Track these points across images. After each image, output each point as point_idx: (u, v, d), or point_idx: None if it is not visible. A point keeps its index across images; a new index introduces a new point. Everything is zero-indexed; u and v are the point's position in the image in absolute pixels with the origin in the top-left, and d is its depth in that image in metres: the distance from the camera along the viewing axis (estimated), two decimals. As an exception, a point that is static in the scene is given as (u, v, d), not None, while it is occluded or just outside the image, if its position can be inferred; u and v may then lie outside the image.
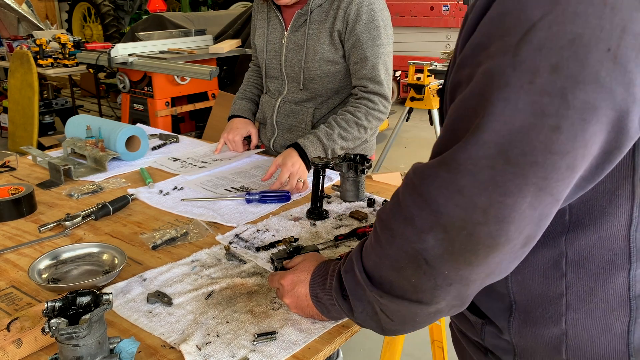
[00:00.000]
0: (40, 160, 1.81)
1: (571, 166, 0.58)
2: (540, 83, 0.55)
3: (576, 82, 0.55)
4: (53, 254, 1.13)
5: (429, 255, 0.64)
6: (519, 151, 0.57)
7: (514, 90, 0.56)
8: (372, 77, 1.64)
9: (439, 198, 0.61)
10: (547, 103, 0.55)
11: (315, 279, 0.91)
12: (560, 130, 0.56)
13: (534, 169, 0.57)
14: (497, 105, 0.57)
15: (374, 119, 1.68)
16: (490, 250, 0.62)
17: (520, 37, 0.56)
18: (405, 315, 0.73)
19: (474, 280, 0.66)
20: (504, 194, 0.58)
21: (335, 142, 1.64)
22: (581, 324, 0.70)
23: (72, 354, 0.76)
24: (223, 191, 1.57)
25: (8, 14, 7.84)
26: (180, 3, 9.90)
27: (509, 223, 0.59)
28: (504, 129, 0.57)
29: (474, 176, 0.59)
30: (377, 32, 1.63)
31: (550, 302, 0.71)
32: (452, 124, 0.63)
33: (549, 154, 0.56)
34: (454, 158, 0.60)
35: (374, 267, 0.74)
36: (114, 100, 6.52)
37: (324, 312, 0.91)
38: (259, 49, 1.87)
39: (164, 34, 4.99)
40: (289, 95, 1.81)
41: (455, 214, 0.61)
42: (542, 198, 0.59)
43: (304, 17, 1.69)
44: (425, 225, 0.63)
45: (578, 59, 0.54)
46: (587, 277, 0.69)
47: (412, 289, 0.69)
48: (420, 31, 7.10)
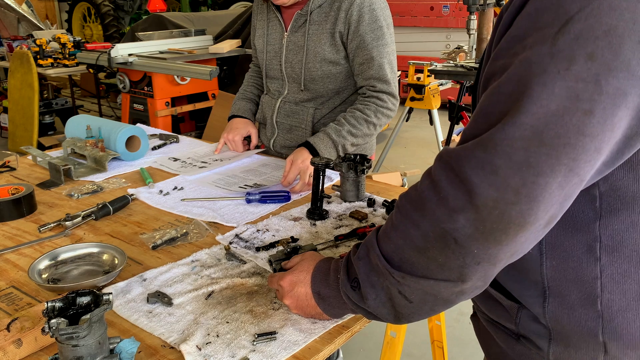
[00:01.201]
0: (40, 160, 1.81)
1: (598, 148, 0.61)
2: (576, 70, 0.59)
3: (609, 69, 0.59)
4: (53, 254, 1.13)
5: (459, 234, 0.66)
6: (554, 133, 0.60)
7: (551, 76, 0.60)
8: (379, 77, 1.65)
9: (474, 178, 0.64)
10: (582, 89, 0.59)
11: (317, 277, 0.91)
12: (593, 114, 0.59)
13: (566, 150, 0.60)
14: (535, 89, 0.61)
15: (382, 116, 1.69)
16: (519, 229, 0.64)
17: (558, 29, 0.60)
18: (428, 294, 0.74)
19: (501, 259, 0.68)
20: (537, 174, 0.61)
21: (345, 138, 1.65)
22: (616, 305, 0.72)
23: (72, 354, 0.76)
24: (237, 189, 1.57)
25: (8, 14, 7.84)
26: (180, 3, 9.89)
27: (539, 202, 0.63)
28: (540, 112, 0.60)
29: (509, 157, 0.62)
30: (380, 32, 1.64)
31: (585, 285, 0.73)
32: (486, 109, 0.66)
33: (581, 136, 0.60)
34: (491, 139, 0.63)
35: (394, 250, 0.75)
36: (114, 100, 6.51)
37: (327, 309, 0.91)
38: (259, 50, 1.87)
39: (164, 34, 4.99)
40: (289, 95, 1.81)
41: (489, 194, 0.63)
42: (571, 178, 0.62)
43: (303, 18, 1.69)
44: (458, 205, 0.65)
45: (612, 49, 0.58)
46: (620, 260, 0.71)
47: (439, 268, 0.71)
48: (420, 31, 7.09)
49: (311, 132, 1.78)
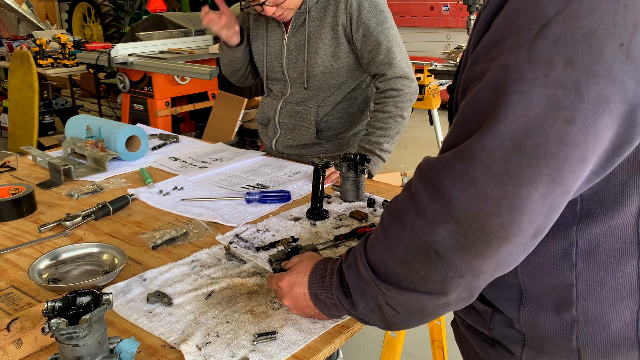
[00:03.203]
0: (40, 160, 1.81)
1: (582, 158, 0.59)
2: (555, 76, 0.57)
3: (590, 75, 0.56)
4: (53, 254, 1.13)
5: (439, 247, 0.65)
6: (533, 142, 0.58)
7: (529, 83, 0.58)
8: (389, 62, 1.66)
9: (453, 190, 0.62)
10: (562, 95, 0.57)
11: (314, 278, 0.91)
12: (574, 122, 0.57)
13: (547, 160, 0.58)
14: (512, 97, 0.58)
15: (403, 103, 1.70)
16: (501, 241, 0.62)
17: (536, 32, 0.58)
18: (413, 307, 0.74)
19: (485, 271, 0.66)
20: (517, 185, 0.59)
21: (380, 142, 1.70)
22: (592, 312, 0.71)
23: (72, 354, 0.76)
24: (239, 189, 1.57)
25: (8, 14, 7.84)
26: (180, 3, 9.89)
27: (521, 214, 0.60)
28: (518, 121, 0.58)
29: (488, 167, 0.60)
30: (383, 16, 1.65)
31: (561, 291, 0.72)
32: (465, 117, 0.64)
33: (562, 145, 0.58)
34: (469, 149, 0.61)
35: (380, 261, 0.74)
36: (114, 100, 6.51)
37: (324, 311, 0.91)
38: (258, 52, 1.86)
39: (164, 34, 4.99)
40: (291, 96, 1.81)
41: (468, 206, 0.61)
42: (554, 189, 0.60)
43: (302, 17, 1.69)
44: (437, 218, 0.64)
45: (592, 53, 0.56)
46: (597, 267, 0.70)
47: (422, 281, 0.70)
48: (420, 31, 7.09)
49: (315, 130, 1.78)
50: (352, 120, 1.84)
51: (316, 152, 1.85)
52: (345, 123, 1.83)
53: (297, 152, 1.87)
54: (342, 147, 1.86)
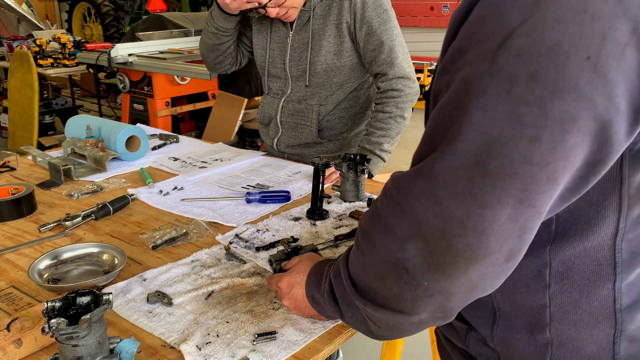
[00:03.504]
0: (40, 160, 1.81)
1: (552, 178, 0.56)
2: (518, 92, 0.54)
3: (555, 91, 0.53)
4: (53, 254, 1.13)
5: (409, 264, 0.63)
6: (497, 162, 0.55)
7: (491, 99, 0.55)
8: (390, 61, 1.66)
9: (418, 208, 0.60)
10: (525, 113, 0.54)
11: (311, 280, 0.91)
12: (540, 141, 0.54)
13: (512, 180, 0.55)
14: (474, 114, 0.55)
15: (404, 103, 1.70)
16: (469, 262, 0.60)
17: (499, 44, 0.54)
18: (390, 324, 0.73)
19: (455, 292, 0.64)
20: (482, 205, 0.57)
21: (380, 143, 1.69)
22: (566, 334, 0.69)
23: (72, 354, 0.76)
24: (240, 189, 1.57)
25: (8, 14, 7.84)
26: (180, 3, 9.89)
27: (488, 235, 0.58)
28: (481, 139, 0.55)
29: (452, 187, 0.57)
30: (386, 16, 1.66)
31: (534, 312, 0.70)
32: (430, 132, 0.62)
33: (528, 165, 0.55)
34: (431, 168, 0.59)
35: (358, 275, 0.74)
36: (114, 100, 6.51)
37: (321, 312, 0.91)
38: (260, 46, 1.85)
39: (164, 34, 4.99)
40: (292, 94, 1.80)
41: (434, 224, 0.59)
42: (523, 210, 0.57)
43: (307, 14, 1.70)
44: (406, 235, 0.62)
45: (557, 67, 0.53)
46: (571, 289, 0.67)
47: (394, 299, 0.68)
48: (420, 31, 7.10)
49: (316, 129, 1.78)
50: (353, 120, 1.84)
51: (317, 151, 1.85)
52: (347, 123, 1.83)
53: (298, 151, 1.87)
54: (344, 147, 1.86)
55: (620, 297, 0.66)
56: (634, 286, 0.66)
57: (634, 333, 0.67)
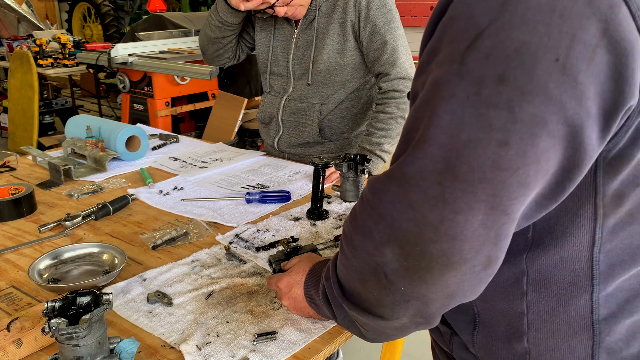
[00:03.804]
0: (40, 160, 1.81)
1: (524, 183, 0.54)
2: (486, 95, 0.52)
3: (523, 94, 0.51)
4: (53, 254, 1.13)
5: (387, 269, 0.63)
6: (467, 167, 0.54)
7: (459, 101, 0.53)
8: (393, 61, 1.67)
9: (393, 212, 0.59)
10: (494, 116, 0.52)
11: (310, 280, 0.91)
12: (509, 145, 0.52)
13: (482, 185, 0.54)
14: (442, 117, 0.54)
15: (405, 104, 1.71)
16: (444, 268, 0.59)
17: (468, 45, 0.53)
18: (375, 328, 0.73)
19: (433, 299, 0.63)
20: (454, 210, 0.55)
21: (380, 143, 1.70)
22: (544, 344, 0.68)
23: (72, 354, 0.76)
24: (240, 189, 1.57)
25: (8, 14, 7.84)
26: (180, 3, 9.88)
27: (462, 241, 0.56)
28: (450, 143, 0.54)
29: (424, 191, 0.56)
30: (390, 15, 1.66)
31: (512, 319, 0.69)
32: (404, 135, 0.61)
33: (498, 170, 0.53)
34: (403, 171, 0.58)
35: (344, 278, 0.74)
36: (114, 100, 6.51)
37: (319, 312, 0.91)
38: (263, 44, 1.84)
39: (164, 34, 4.98)
40: (294, 92, 1.80)
41: (409, 229, 0.58)
42: (496, 217, 0.56)
43: (313, 13, 1.70)
44: (383, 239, 0.61)
45: (525, 69, 0.51)
46: (548, 298, 0.67)
47: (376, 303, 0.68)
48: (421, 31, 7.09)
49: (318, 128, 1.78)
50: (355, 120, 1.84)
51: (318, 151, 1.85)
52: (348, 123, 1.83)
53: (299, 151, 1.87)
54: (345, 147, 1.86)
55: (598, 309, 0.65)
56: (612, 297, 0.66)
57: (613, 345, 0.66)
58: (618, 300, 0.66)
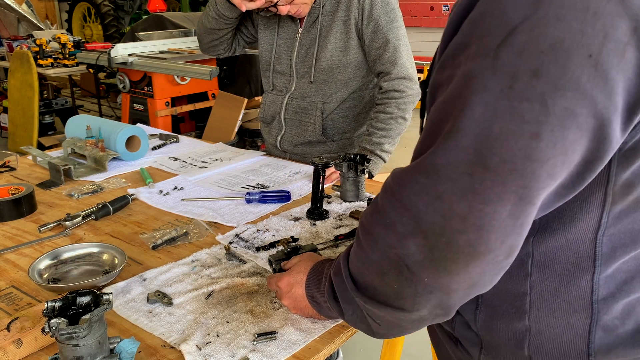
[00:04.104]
0: (40, 160, 1.81)
1: (551, 174, 0.56)
2: (519, 88, 0.54)
3: (556, 88, 0.53)
4: (53, 254, 1.13)
5: (410, 261, 0.64)
6: (498, 158, 0.55)
7: (492, 94, 0.55)
8: (394, 60, 1.67)
9: (419, 204, 0.60)
10: (527, 109, 0.54)
11: (311, 280, 0.91)
12: (540, 137, 0.54)
13: (513, 176, 0.56)
14: (475, 109, 0.56)
15: (405, 105, 1.71)
16: (470, 259, 0.60)
17: (501, 40, 0.55)
18: (391, 321, 0.73)
19: (455, 289, 0.64)
20: (483, 201, 0.57)
21: (381, 143, 1.70)
22: (544, 322, 0.70)
23: (72, 354, 0.76)
24: (240, 189, 1.57)
25: (8, 14, 7.84)
26: (180, 3, 9.89)
27: (489, 232, 0.58)
28: (482, 135, 0.56)
29: (453, 182, 0.58)
30: (393, 15, 1.67)
31: (515, 299, 0.72)
32: (431, 127, 0.62)
33: (529, 161, 0.55)
34: (433, 163, 0.59)
35: (359, 273, 0.74)
36: (114, 100, 6.51)
37: (321, 312, 0.91)
38: (267, 42, 1.84)
39: (164, 34, 4.98)
40: (297, 91, 1.80)
41: (435, 220, 0.60)
42: (523, 207, 0.58)
43: (317, 11, 1.70)
44: (407, 231, 0.62)
45: (559, 64, 0.53)
46: (551, 278, 0.69)
47: (395, 296, 0.69)
48: (420, 31, 7.10)
49: (321, 127, 1.78)
50: (357, 120, 1.84)
51: (320, 151, 1.85)
52: (351, 122, 1.83)
53: (301, 150, 1.87)
54: (347, 147, 1.86)
55: (598, 289, 0.68)
56: (612, 279, 0.68)
57: (609, 323, 0.69)
58: (617, 281, 0.68)
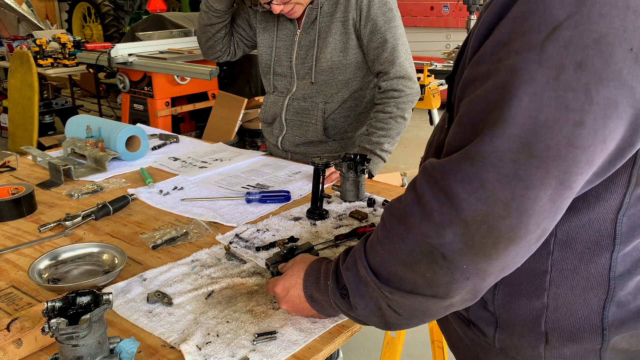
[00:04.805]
0: (40, 160, 1.81)
1: (590, 160, 0.60)
2: (565, 79, 0.58)
3: (600, 79, 0.57)
4: (53, 254, 1.13)
5: (446, 250, 0.65)
6: (544, 145, 0.59)
7: (539, 85, 0.58)
8: (392, 60, 1.67)
9: (461, 192, 0.62)
10: (572, 98, 0.58)
11: (308, 280, 0.91)
12: (584, 125, 0.58)
13: (556, 162, 0.59)
14: (522, 99, 0.59)
15: (404, 104, 1.71)
16: (509, 243, 0.63)
17: (547, 35, 0.58)
18: (416, 309, 0.74)
19: (491, 273, 0.67)
20: (526, 187, 0.60)
21: (380, 143, 1.69)
22: (562, 298, 0.73)
23: (72, 354, 0.76)
24: (240, 189, 1.57)
25: (8, 14, 7.84)
26: (180, 3, 9.89)
27: (529, 216, 0.61)
28: (528, 123, 0.59)
29: (498, 169, 0.60)
30: (391, 14, 1.67)
31: (535, 277, 0.74)
32: (471, 119, 0.64)
33: (572, 147, 0.59)
34: (479, 151, 0.61)
35: (381, 264, 0.74)
36: (114, 100, 6.51)
37: (321, 311, 0.91)
38: (266, 45, 1.84)
39: (164, 34, 4.98)
40: (298, 92, 1.80)
41: (477, 208, 0.62)
42: (562, 191, 0.61)
43: (315, 12, 1.70)
44: (445, 221, 0.64)
45: (602, 57, 0.57)
46: (572, 256, 0.71)
47: (426, 284, 0.70)
48: (420, 31, 7.09)
49: (322, 127, 1.78)
50: (358, 119, 1.84)
51: (322, 150, 1.85)
52: (352, 122, 1.83)
53: (302, 150, 1.87)
54: (348, 147, 1.86)
55: (616, 266, 0.71)
56: (629, 256, 0.71)
57: (623, 299, 0.71)
58: (633, 259, 0.71)
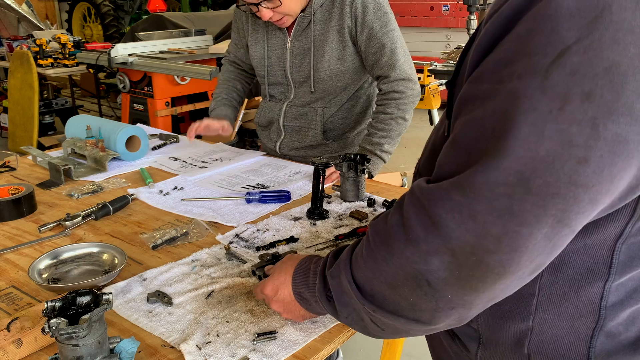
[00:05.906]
0: (40, 160, 1.81)
1: (593, 200, 0.55)
2: (570, 110, 0.52)
3: (609, 112, 0.52)
4: (53, 253, 1.13)
5: (432, 277, 0.62)
6: (542, 181, 0.54)
7: (541, 115, 0.53)
8: (392, 64, 1.67)
9: (450, 222, 0.59)
10: (576, 132, 0.52)
11: (297, 277, 0.88)
12: (588, 162, 0.53)
13: (555, 200, 0.54)
14: (522, 129, 0.54)
15: (405, 105, 1.71)
16: (498, 277, 0.59)
17: (552, 60, 0.53)
18: (399, 329, 0.72)
19: (477, 304, 0.64)
20: (520, 223, 0.56)
21: (380, 144, 1.70)
22: (548, 323, 0.70)
23: (72, 354, 0.76)
24: (240, 189, 1.57)
25: (8, 14, 7.84)
26: (180, 3, 9.89)
27: (522, 253, 0.57)
28: (527, 156, 0.54)
29: (490, 203, 0.56)
30: (386, 18, 1.66)
31: (521, 299, 0.70)
32: (467, 143, 0.60)
33: (573, 186, 0.54)
34: (470, 182, 0.57)
35: (365, 280, 0.72)
36: (114, 100, 6.51)
37: (310, 309, 0.88)
38: (258, 56, 1.83)
39: (164, 34, 4.98)
40: (296, 99, 1.80)
41: (466, 240, 0.58)
42: (559, 229, 0.56)
43: (307, 20, 1.69)
44: (432, 248, 0.61)
45: (613, 89, 0.51)
46: (562, 282, 0.68)
47: (410, 308, 0.67)
48: (420, 31, 7.09)
49: (321, 131, 1.78)
50: (356, 119, 1.84)
51: (321, 152, 1.85)
52: (350, 123, 1.83)
53: (302, 153, 1.87)
54: (347, 146, 1.86)
55: (608, 295, 0.67)
56: (623, 286, 0.67)
57: (613, 329, 0.68)
58: (627, 289, 0.67)
